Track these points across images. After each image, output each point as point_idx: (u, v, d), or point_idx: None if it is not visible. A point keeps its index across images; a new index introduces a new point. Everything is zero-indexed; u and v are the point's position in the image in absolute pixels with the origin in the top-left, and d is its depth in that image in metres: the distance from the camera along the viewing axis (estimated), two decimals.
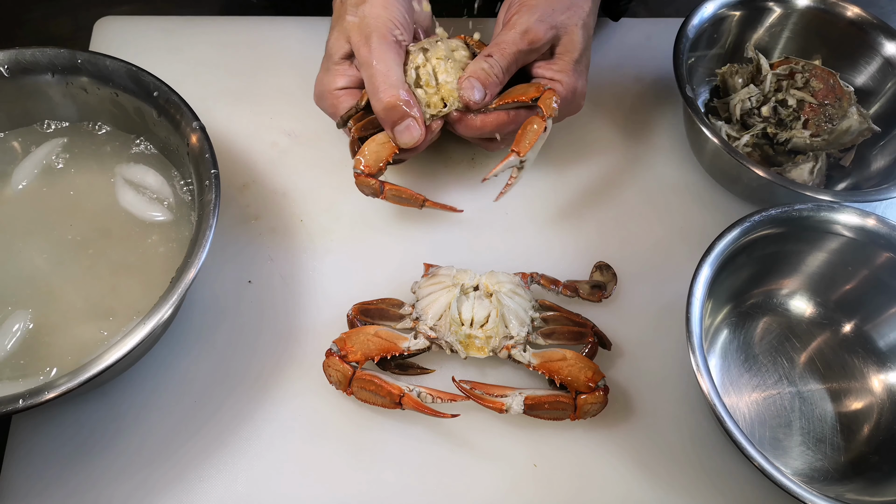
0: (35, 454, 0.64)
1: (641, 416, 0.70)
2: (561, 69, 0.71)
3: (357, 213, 0.79)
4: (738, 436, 0.58)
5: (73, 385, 0.54)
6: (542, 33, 0.69)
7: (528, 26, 0.69)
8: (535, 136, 0.67)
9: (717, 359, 0.73)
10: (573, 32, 0.71)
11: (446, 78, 0.69)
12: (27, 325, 0.63)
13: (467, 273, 0.70)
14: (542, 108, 0.67)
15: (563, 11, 0.70)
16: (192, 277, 0.58)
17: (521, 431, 0.68)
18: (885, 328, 0.73)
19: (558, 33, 0.71)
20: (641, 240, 0.80)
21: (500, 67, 0.69)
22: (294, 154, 0.82)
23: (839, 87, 0.82)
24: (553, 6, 0.70)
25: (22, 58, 0.68)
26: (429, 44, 0.71)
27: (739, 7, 0.85)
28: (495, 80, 0.69)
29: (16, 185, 0.70)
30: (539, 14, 0.69)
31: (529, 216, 0.80)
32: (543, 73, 0.72)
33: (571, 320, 0.70)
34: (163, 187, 0.71)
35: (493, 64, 0.69)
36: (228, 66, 0.87)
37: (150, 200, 0.70)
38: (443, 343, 0.67)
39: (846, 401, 0.72)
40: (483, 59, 0.69)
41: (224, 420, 0.67)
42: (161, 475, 0.64)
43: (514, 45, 0.69)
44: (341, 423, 0.67)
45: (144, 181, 0.71)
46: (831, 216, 0.71)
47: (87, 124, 0.73)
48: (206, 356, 0.70)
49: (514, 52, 0.69)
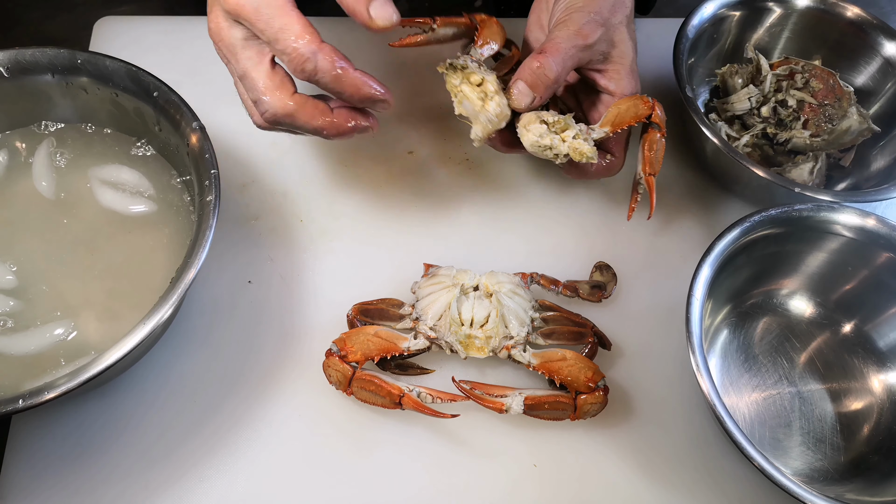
0: (35, 454, 0.64)
1: (641, 416, 0.70)
2: (620, 77, 0.70)
3: (357, 213, 0.79)
4: (738, 436, 0.58)
5: (73, 385, 0.53)
6: (594, 31, 0.66)
7: (580, 24, 0.66)
8: (663, 151, 0.69)
9: (717, 359, 0.73)
10: (620, 31, 0.69)
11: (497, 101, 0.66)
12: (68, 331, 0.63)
13: (467, 273, 0.70)
14: (659, 123, 0.68)
15: (610, 9, 0.68)
16: (192, 277, 0.58)
17: (521, 431, 0.68)
18: (885, 328, 0.73)
19: (608, 33, 0.68)
20: (641, 239, 0.80)
21: (553, 66, 0.65)
22: (294, 154, 0.82)
23: (839, 88, 0.82)
24: (599, 4, 0.68)
25: (22, 58, 0.68)
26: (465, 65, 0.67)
27: (739, 7, 0.85)
28: (546, 80, 0.65)
29: (15, 185, 0.70)
30: (588, 12, 0.67)
31: (529, 216, 0.80)
32: (606, 84, 0.70)
33: (571, 320, 0.70)
34: (140, 180, 0.71)
35: (545, 62, 0.64)
36: None
37: (130, 195, 0.70)
38: (443, 343, 0.67)
39: (846, 401, 0.72)
40: (534, 58, 0.65)
41: (224, 420, 0.67)
42: (161, 475, 0.64)
43: (569, 41, 0.65)
44: (341, 423, 0.67)
45: (119, 178, 0.71)
46: (831, 216, 0.71)
47: (86, 125, 0.73)
48: (206, 356, 0.70)
49: (569, 47, 0.65)
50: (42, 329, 0.63)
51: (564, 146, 0.65)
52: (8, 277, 0.65)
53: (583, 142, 0.66)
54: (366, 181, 0.81)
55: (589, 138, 0.67)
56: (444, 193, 0.81)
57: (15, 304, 0.64)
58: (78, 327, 0.63)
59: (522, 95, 0.65)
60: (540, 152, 0.67)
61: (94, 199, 0.70)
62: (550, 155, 0.66)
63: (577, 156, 0.66)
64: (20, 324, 0.63)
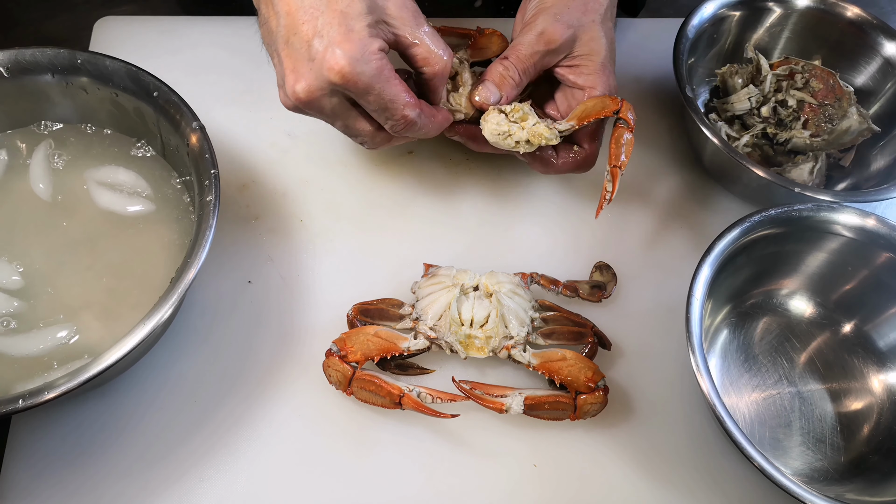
0: (35, 454, 0.64)
1: (641, 416, 0.70)
2: (590, 72, 0.70)
3: (357, 213, 0.79)
4: (738, 436, 0.58)
5: (73, 385, 0.54)
6: (558, 34, 0.68)
7: (543, 27, 0.68)
8: (630, 147, 0.69)
9: (717, 359, 0.73)
10: (592, 30, 0.70)
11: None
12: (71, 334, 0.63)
13: (467, 273, 0.70)
14: (627, 120, 0.68)
15: (579, 9, 0.69)
16: (191, 277, 0.58)
17: (521, 431, 0.68)
18: (885, 328, 0.73)
19: (576, 33, 0.69)
20: (641, 240, 0.80)
21: (516, 70, 0.69)
22: (294, 154, 0.82)
23: (839, 88, 0.82)
24: (568, 5, 0.69)
25: (22, 58, 0.68)
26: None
27: (739, 7, 0.85)
28: (511, 82, 0.69)
29: (14, 186, 0.70)
30: (553, 14, 0.69)
31: (529, 216, 0.80)
32: (575, 79, 0.71)
33: (571, 320, 0.70)
34: (137, 180, 0.71)
35: (509, 66, 0.69)
36: (228, 66, 0.87)
37: (128, 195, 0.70)
38: (443, 343, 0.67)
39: (846, 401, 0.72)
40: (500, 62, 0.69)
41: (224, 420, 0.67)
42: (161, 475, 0.64)
43: (531, 47, 0.68)
44: (341, 423, 0.67)
45: (116, 179, 0.71)
46: (831, 216, 0.71)
47: (86, 125, 0.73)
48: (206, 356, 0.70)
49: (531, 53, 0.69)
50: (44, 332, 0.63)
51: (523, 133, 0.68)
52: (14, 278, 0.65)
53: (542, 125, 0.68)
54: (366, 181, 0.81)
55: (553, 126, 0.69)
56: (444, 193, 0.81)
57: (19, 304, 0.64)
58: (79, 329, 0.63)
59: (488, 92, 0.69)
60: (501, 141, 0.69)
61: (92, 201, 0.70)
62: (512, 143, 0.69)
63: (536, 138, 0.68)
64: (23, 325, 0.63)
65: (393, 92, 0.62)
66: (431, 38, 0.64)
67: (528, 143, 0.68)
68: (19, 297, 0.64)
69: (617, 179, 0.68)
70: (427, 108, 0.66)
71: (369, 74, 0.60)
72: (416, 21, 0.63)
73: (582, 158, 0.72)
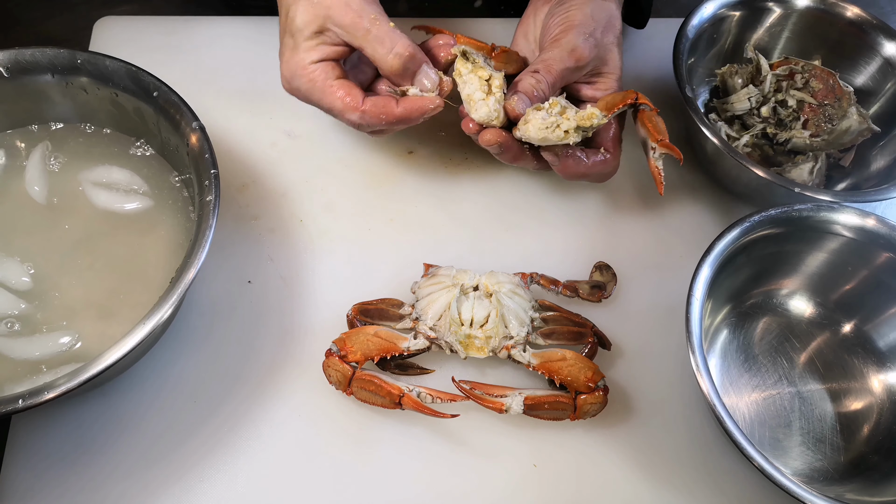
0: (35, 454, 0.64)
1: (641, 416, 0.70)
2: (607, 87, 0.73)
3: (357, 213, 0.79)
4: (737, 436, 0.58)
5: (73, 385, 0.53)
6: (587, 52, 0.70)
7: (574, 45, 0.69)
8: (663, 123, 0.70)
9: (716, 359, 0.73)
10: (612, 50, 0.73)
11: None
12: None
13: (467, 273, 0.70)
14: (648, 104, 0.70)
15: (601, 29, 0.71)
16: (191, 277, 0.58)
17: (520, 431, 0.68)
18: (885, 328, 0.73)
19: (600, 52, 0.71)
20: (641, 240, 0.80)
21: (546, 83, 0.69)
22: (294, 154, 0.82)
23: (839, 88, 0.82)
24: (595, 24, 0.71)
25: (22, 58, 0.68)
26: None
27: (739, 7, 0.85)
28: (541, 94, 0.70)
29: (12, 187, 0.69)
30: (583, 32, 0.70)
31: (529, 216, 0.80)
32: (593, 94, 0.73)
33: (571, 320, 0.70)
34: (132, 178, 0.71)
35: (541, 80, 0.69)
36: (228, 66, 0.87)
37: (125, 193, 0.70)
38: (442, 343, 0.67)
39: (846, 401, 0.72)
40: (531, 75, 0.70)
41: (224, 420, 0.67)
42: (161, 475, 0.64)
43: (562, 63, 0.69)
44: (341, 423, 0.67)
45: (111, 178, 0.71)
46: (831, 216, 0.71)
47: (86, 125, 0.73)
48: (205, 356, 0.70)
49: (561, 69, 0.69)
50: (47, 336, 0.63)
51: (571, 122, 0.67)
52: (24, 279, 0.65)
53: (589, 107, 0.68)
54: (366, 181, 0.81)
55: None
56: (444, 193, 0.81)
57: (25, 306, 0.64)
58: (80, 331, 0.63)
59: (521, 103, 0.69)
60: (550, 134, 0.67)
61: (89, 202, 0.70)
62: (561, 133, 0.67)
63: (587, 120, 0.67)
64: (26, 328, 0.63)
65: (329, 101, 0.67)
66: (378, 40, 0.66)
67: (578, 131, 0.67)
68: (26, 299, 0.64)
69: (673, 148, 0.69)
70: (378, 107, 0.67)
71: (305, 88, 0.68)
72: (362, 22, 0.65)
73: (609, 160, 0.73)
